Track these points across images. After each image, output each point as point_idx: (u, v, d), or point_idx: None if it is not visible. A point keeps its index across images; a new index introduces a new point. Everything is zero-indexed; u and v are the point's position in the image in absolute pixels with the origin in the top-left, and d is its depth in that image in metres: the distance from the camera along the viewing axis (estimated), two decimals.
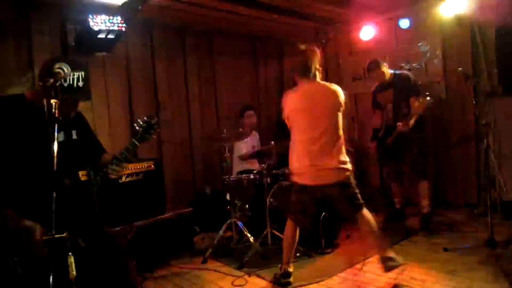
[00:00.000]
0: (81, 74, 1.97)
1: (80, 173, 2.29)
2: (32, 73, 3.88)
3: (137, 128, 2.15)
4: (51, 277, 1.52)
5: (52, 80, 1.69)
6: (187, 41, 5.48)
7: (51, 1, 4.01)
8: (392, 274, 3.28)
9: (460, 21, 4.83)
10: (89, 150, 2.27)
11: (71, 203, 1.96)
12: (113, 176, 2.07)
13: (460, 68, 4.12)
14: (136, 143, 2.12)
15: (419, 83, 4.59)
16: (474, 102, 3.73)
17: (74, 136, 2.16)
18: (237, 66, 6.15)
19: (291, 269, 3.32)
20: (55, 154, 1.59)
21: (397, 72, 4.57)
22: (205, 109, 5.69)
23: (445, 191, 5.20)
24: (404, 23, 5.13)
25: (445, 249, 3.65)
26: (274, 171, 4.51)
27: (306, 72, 3.17)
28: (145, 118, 2.16)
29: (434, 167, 4.99)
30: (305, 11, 5.25)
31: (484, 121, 3.91)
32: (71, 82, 1.91)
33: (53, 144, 1.60)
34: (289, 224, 3.29)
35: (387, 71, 4.49)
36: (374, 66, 4.48)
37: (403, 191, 4.78)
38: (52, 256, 1.54)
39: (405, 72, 4.64)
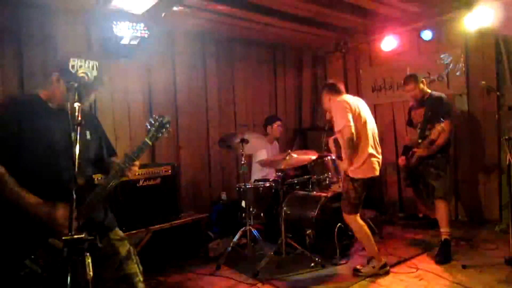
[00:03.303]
0: (95, 64, 2.02)
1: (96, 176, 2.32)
2: None
3: (148, 127, 2.13)
4: (68, 277, 1.53)
5: (76, 84, 1.73)
6: (207, 49, 5.54)
7: (76, 8, 4.12)
8: None
9: (484, 34, 4.76)
10: (100, 152, 2.29)
11: (83, 204, 1.98)
12: (128, 174, 2.08)
13: (483, 82, 4.05)
14: (149, 142, 2.12)
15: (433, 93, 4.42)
16: (497, 116, 3.66)
17: (88, 136, 2.18)
18: (256, 74, 6.18)
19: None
20: (77, 156, 1.62)
21: (434, 92, 4.34)
22: (223, 116, 5.73)
23: (466, 207, 5.10)
24: (427, 35, 5.07)
25: (464, 266, 3.57)
26: (290, 180, 4.50)
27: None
28: (157, 117, 2.13)
29: (452, 188, 4.79)
30: (326, 20, 5.26)
31: (507, 136, 3.82)
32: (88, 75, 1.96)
33: (75, 147, 1.63)
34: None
35: (423, 88, 4.28)
36: (409, 80, 4.34)
37: (428, 204, 4.62)
38: (70, 256, 1.56)
39: (440, 93, 4.37)
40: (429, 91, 4.34)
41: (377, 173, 3.65)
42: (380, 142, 3.80)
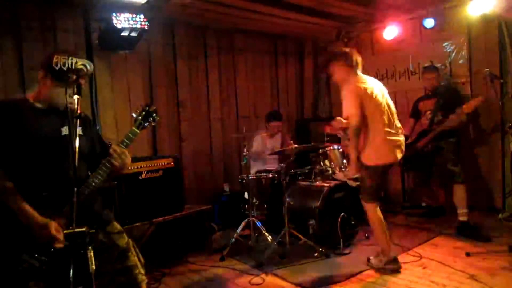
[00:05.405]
0: (79, 60, 2.02)
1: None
2: None
3: (134, 116, 2.17)
4: (71, 270, 1.54)
5: (75, 77, 1.72)
6: (208, 40, 5.51)
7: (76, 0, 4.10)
8: (412, 277, 3.24)
9: (487, 21, 4.72)
10: (93, 150, 2.29)
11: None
12: (116, 163, 2.08)
13: (487, 69, 4.02)
14: (136, 130, 2.15)
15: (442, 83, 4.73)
16: (500, 104, 3.63)
17: (80, 132, 2.18)
18: (258, 65, 6.15)
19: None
20: (76, 149, 1.62)
21: (444, 83, 4.71)
22: (225, 107, 5.71)
23: (469, 195, 5.07)
24: (429, 23, 5.01)
25: (467, 254, 3.58)
26: (292, 171, 4.49)
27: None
28: (142, 106, 2.18)
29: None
30: (328, 10, 5.21)
31: (510, 124, 3.80)
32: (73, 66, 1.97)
33: (75, 141, 1.62)
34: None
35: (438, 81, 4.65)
36: (430, 68, 4.68)
37: (432, 192, 4.94)
38: (72, 250, 1.56)
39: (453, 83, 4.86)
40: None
41: (397, 158, 3.40)
42: None
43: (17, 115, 2.01)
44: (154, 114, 2.18)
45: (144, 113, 2.16)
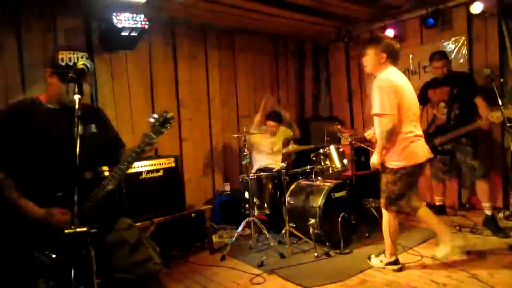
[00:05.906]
0: (84, 55, 2.07)
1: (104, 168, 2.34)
2: None
3: (152, 121, 2.17)
4: (72, 270, 1.55)
5: (76, 77, 1.73)
6: (208, 40, 5.51)
7: None
8: (413, 277, 3.24)
9: (487, 21, 4.72)
10: (108, 144, 2.30)
11: (92, 196, 2.01)
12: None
13: (487, 68, 4.03)
14: (153, 136, 2.15)
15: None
16: (500, 103, 3.63)
17: (93, 130, 2.20)
18: (258, 65, 6.16)
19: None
20: (77, 149, 1.63)
21: (456, 71, 4.52)
22: (225, 107, 5.72)
23: (470, 193, 5.09)
24: (429, 22, 5.03)
25: (468, 253, 3.58)
26: (293, 170, 4.49)
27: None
28: (160, 112, 2.19)
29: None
30: (328, 9, 5.21)
31: (510, 123, 3.79)
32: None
33: (77, 140, 1.63)
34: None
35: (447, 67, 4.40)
36: (439, 55, 4.37)
37: (443, 189, 4.85)
38: (74, 250, 1.57)
39: (466, 71, 4.68)
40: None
41: (422, 158, 3.18)
42: None
43: (28, 116, 2.03)
44: (171, 121, 2.20)
45: (162, 118, 2.16)
